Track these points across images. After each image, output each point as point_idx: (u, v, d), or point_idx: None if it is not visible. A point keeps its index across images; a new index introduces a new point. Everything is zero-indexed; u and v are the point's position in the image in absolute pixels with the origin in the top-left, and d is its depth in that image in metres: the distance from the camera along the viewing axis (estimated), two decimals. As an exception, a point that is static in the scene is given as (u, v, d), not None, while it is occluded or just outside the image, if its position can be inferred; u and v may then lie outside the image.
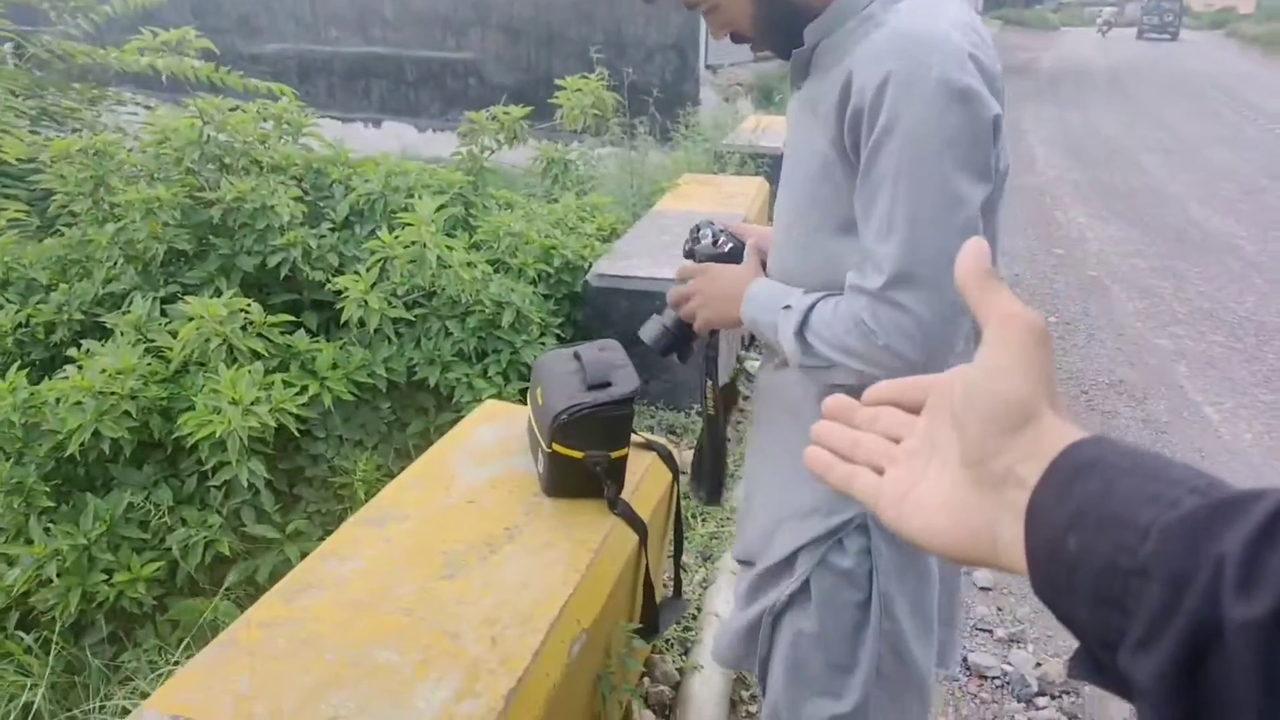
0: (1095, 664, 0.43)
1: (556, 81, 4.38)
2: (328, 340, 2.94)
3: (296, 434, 2.68)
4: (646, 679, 2.24)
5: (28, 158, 3.47)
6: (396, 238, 2.80)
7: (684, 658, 2.38)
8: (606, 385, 1.80)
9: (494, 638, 1.45)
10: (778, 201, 1.41)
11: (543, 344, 3.11)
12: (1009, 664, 2.70)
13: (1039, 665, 2.70)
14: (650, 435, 2.07)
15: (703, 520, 2.94)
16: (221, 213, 3.05)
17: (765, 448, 1.54)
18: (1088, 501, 0.42)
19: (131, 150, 3.28)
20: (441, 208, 2.94)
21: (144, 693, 2.20)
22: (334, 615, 1.47)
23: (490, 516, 1.76)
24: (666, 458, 2.04)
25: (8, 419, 2.51)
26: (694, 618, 2.44)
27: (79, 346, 2.77)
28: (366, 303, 2.77)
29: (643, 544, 1.83)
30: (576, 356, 1.89)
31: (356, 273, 2.89)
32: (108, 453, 2.57)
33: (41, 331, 3.04)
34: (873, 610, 1.37)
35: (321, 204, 3.36)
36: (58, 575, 2.42)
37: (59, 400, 2.56)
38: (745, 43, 1.37)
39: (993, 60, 1.16)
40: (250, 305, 2.75)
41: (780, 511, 1.45)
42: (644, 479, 1.95)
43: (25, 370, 2.67)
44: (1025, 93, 16.58)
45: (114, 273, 3.14)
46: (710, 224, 1.57)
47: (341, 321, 2.85)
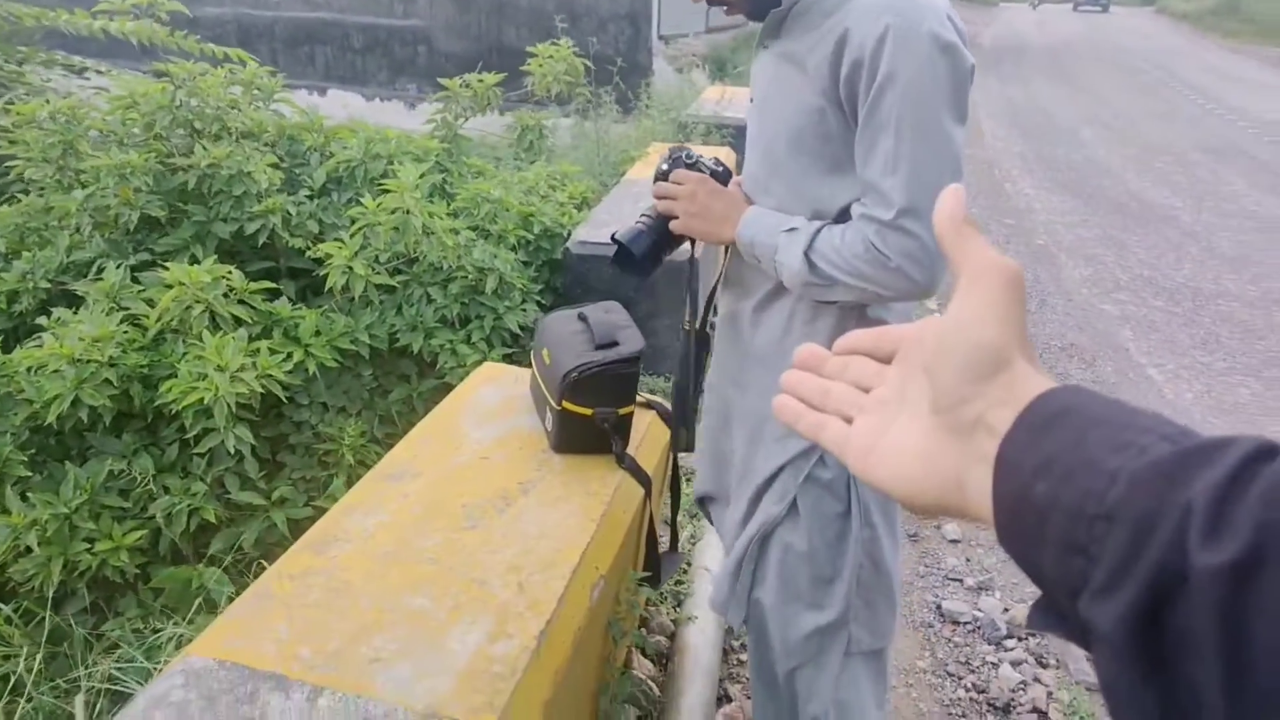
0: (1057, 613, 0.42)
1: (527, 50, 4.38)
2: (306, 307, 2.94)
3: (283, 400, 2.69)
4: (644, 629, 2.31)
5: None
6: (380, 204, 2.80)
7: (678, 609, 2.46)
8: (614, 344, 1.84)
9: (520, 583, 1.50)
10: (754, 151, 1.52)
11: (524, 310, 3.14)
12: (979, 610, 2.84)
13: (1006, 610, 2.84)
14: (649, 395, 2.12)
15: (687, 480, 3.00)
16: (196, 179, 3.01)
17: (739, 382, 1.65)
18: (1058, 449, 0.42)
19: (96, 116, 3.22)
20: (424, 175, 2.94)
21: (130, 659, 2.21)
22: (363, 566, 1.50)
23: (503, 472, 1.80)
24: (665, 416, 2.10)
25: (-22, 388, 2.48)
26: (685, 571, 2.51)
27: (47, 315, 2.73)
28: (351, 269, 2.77)
29: (647, 497, 1.89)
30: (582, 318, 1.93)
31: (338, 239, 2.88)
32: (85, 421, 2.55)
33: (4, 301, 2.98)
34: (853, 518, 1.49)
35: (297, 171, 3.34)
36: (38, 544, 2.41)
37: (32, 369, 2.53)
38: (720, 4, 1.49)
39: (959, 20, 1.31)
40: (231, 272, 2.73)
41: (759, 436, 1.56)
42: (646, 436, 2.00)
43: (-10, 340, 2.64)
44: (967, 67, 16.76)
45: (79, 240, 3.09)
46: (687, 148, 1.65)
47: (326, 288, 2.84)
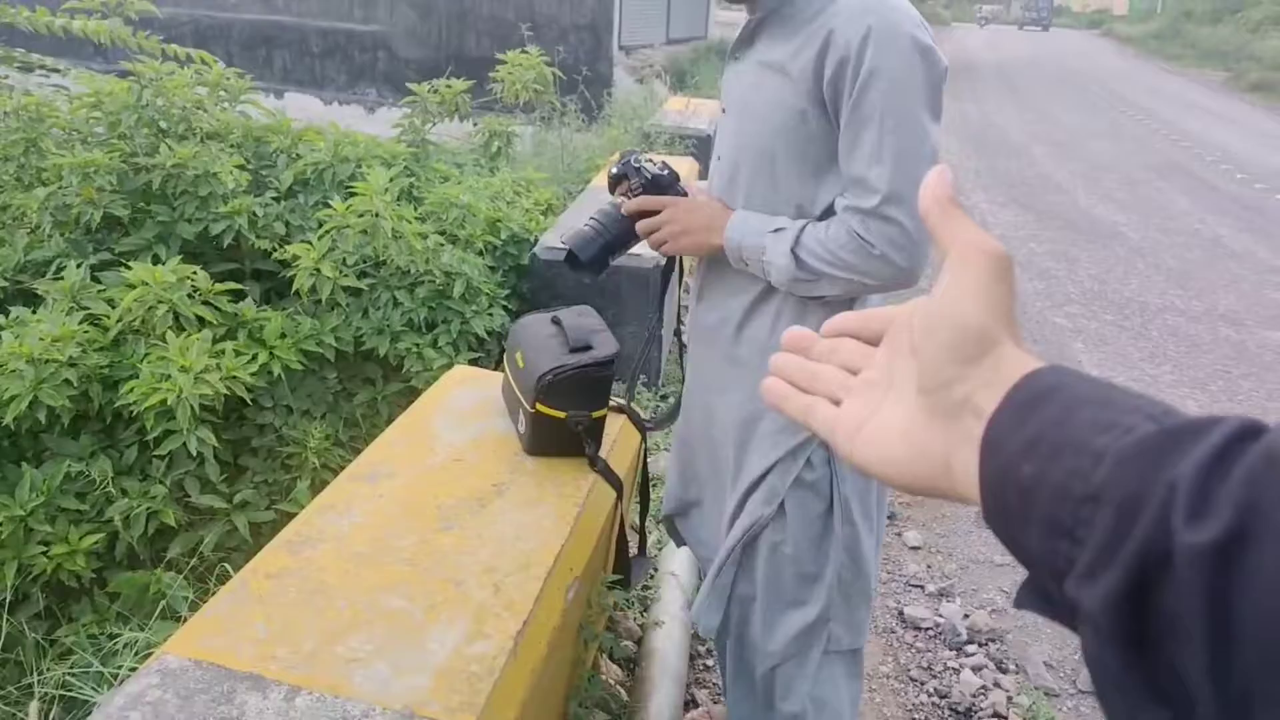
0: (1044, 594, 0.42)
1: (496, 56, 4.38)
2: (271, 310, 2.92)
3: (248, 403, 2.66)
4: (612, 633, 2.32)
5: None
6: (349, 207, 2.79)
7: (645, 614, 2.47)
8: (588, 348, 1.86)
9: (496, 585, 1.50)
10: (728, 158, 1.57)
11: (491, 315, 3.14)
12: (940, 615, 2.89)
13: (967, 616, 2.89)
14: (621, 399, 2.13)
15: (653, 485, 3.02)
16: (161, 179, 2.98)
17: (722, 388, 1.68)
18: (1044, 429, 0.42)
19: (59, 115, 3.18)
20: (393, 178, 2.94)
21: (86, 665, 2.17)
22: (339, 566, 1.50)
23: (477, 474, 1.80)
24: (636, 420, 2.12)
25: (-70, 388, 2.43)
26: (652, 576, 2.53)
27: (5, 314, 2.68)
28: (319, 271, 2.75)
29: (619, 500, 1.91)
30: (556, 321, 1.95)
31: (305, 241, 2.87)
32: (43, 422, 2.51)
33: (-42, 299, 2.92)
34: (835, 517, 1.54)
35: (264, 173, 3.31)
36: (-9, 547, 2.36)
37: (-11, 368, 2.48)
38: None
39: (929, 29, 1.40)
40: (196, 272, 2.71)
41: (749, 438, 1.59)
42: (618, 440, 2.02)
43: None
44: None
45: (38, 239, 3.04)
46: (636, 152, 1.70)
47: (292, 291, 2.83)
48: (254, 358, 2.66)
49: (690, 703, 2.34)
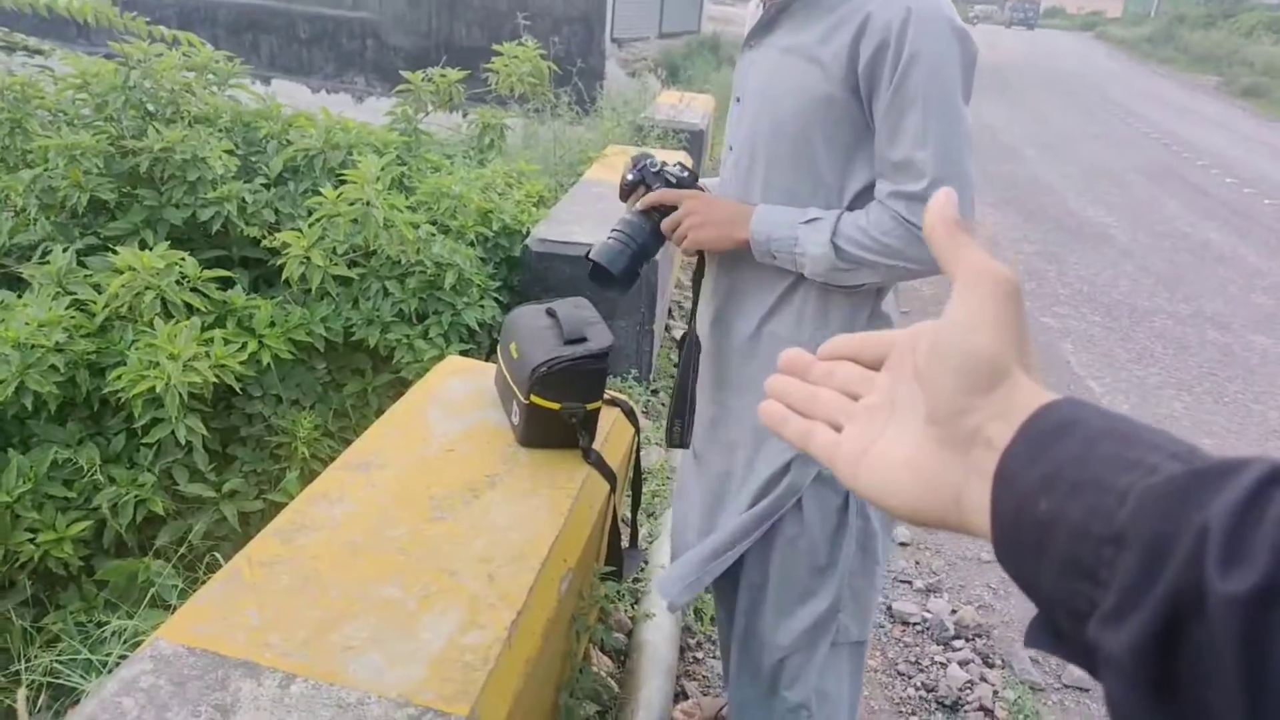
0: (1055, 633, 0.41)
1: (493, 47, 4.35)
2: (259, 298, 2.89)
3: (237, 392, 2.64)
4: (603, 625, 2.31)
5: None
6: (340, 195, 2.76)
7: (635, 606, 2.47)
8: (582, 340, 1.85)
9: (490, 575, 1.50)
10: (745, 146, 1.54)
11: (482, 306, 3.12)
12: (928, 611, 2.90)
13: (954, 612, 2.90)
14: (614, 392, 2.13)
15: (644, 479, 3.02)
16: (149, 162, 2.95)
17: (739, 386, 1.65)
18: (1062, 464, 0.40)
19: (45, 96, 3.14)
20: (385, 167, 2.92)
21: (74, 653, 2.15)
22: (332, 554, 1.49)
23: (470, 464, 1.79)
24: (629, 413, 2.11)
25: (-84, 373, 2.40)
26: (643, 569, 2.52)
27: (-10, 298, 2.65)
28: (309, 260, 2.73)
29: (612, 492, 1.90)
30: (550, 313, 1.94)
31: (295, 229, 2.85)
32: (29, 408, 2.48)
33: (-58, 283, 2.89)
34: (850, 511, 1.53)
35: (253, 158, 3.28)
36: (-23, 533, 2.34)
37: (-26, 353, 2.45)
38: None
39: None
40: (185, 258, 2.68)
41: (765, 437, 1.57)
42: (611, 433, 2.01)
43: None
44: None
45: (24, 221, 3.00)
46: (649, 156, 1.67)
47: (281, 279, 2.80)
48: (243, 346, 2.63)
49: (680, 694, 2.33)
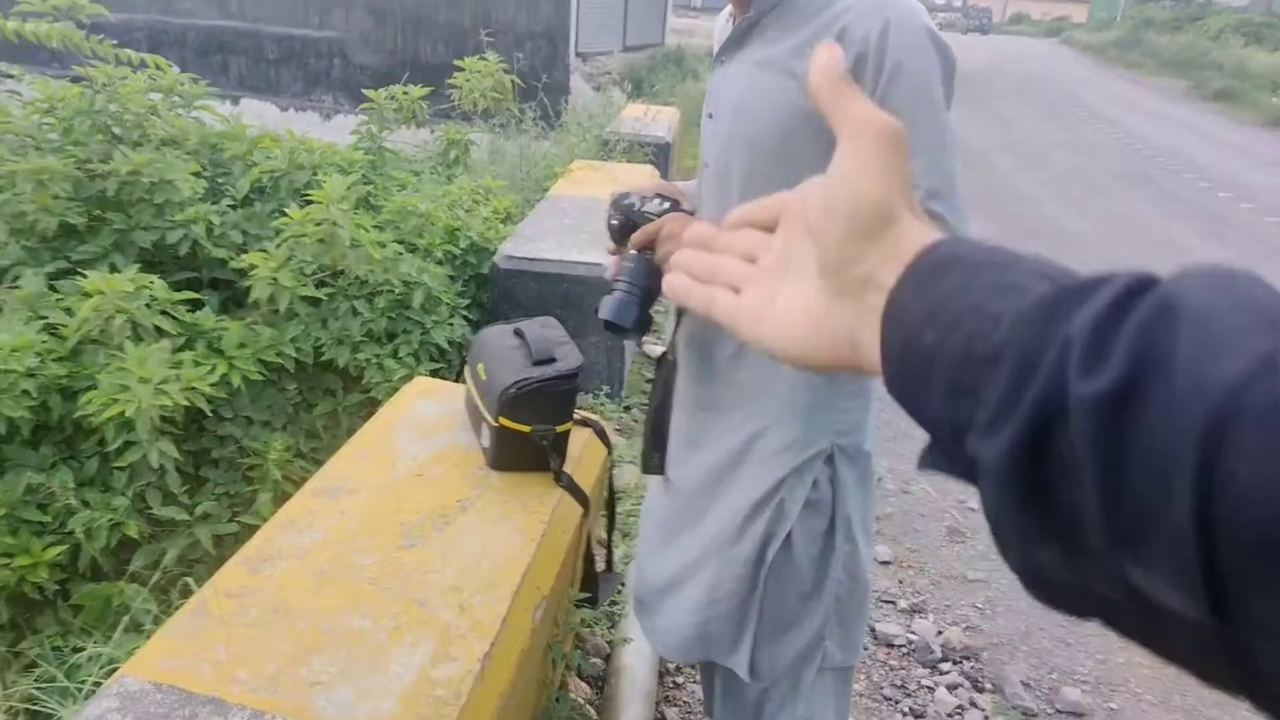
0: (944, 454, 0.43)
1: (455, 63, 4.35)
2: (229, 319, 2.88)
3: (208, 414, 2.63)
4: (580, 650, 2.31)
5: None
6: (306, 215, 2.76)
7: (613, 630, 2.46)
8: (551, 360, 1.85)
9: (461, 605, 1.49)
10: (718, 164, 1.49)
11: (451, 325, 3.12)
12: (913, 633, 2.87)
13: (940, 633, 2.87)
14: (585, 412, 2.13)
15: (618, 499, 3.01)
16: (116, 186, 2.93)
17: (715, 406, 1.59)
18: (945, 296, 0.42)
19: (12, 120, 3.12)
20: (351, 186, 2.91)
21: (50, 678, 2.14)
22: (301, 585, 1.48)
23: (440, 489, 1.79)
24: (601, 434, 2.11)
25: (-111, 399, 2.37)
26: (620, 592, 2.51)
27: (-41, 324, 2.63)
28: (277, 280, 2.72)
29: (585, 516, 1.90)
30: (518, 333, 1.94)
31: (263, 250, 2.83)
32: (3, 433, 2.46)
33: (-88, 309, 2.86)
34: (837, 534, 1.50)
35: (220, 180, 3.27)
36: (-46, 559, 2.31)
37: (-56, 380, 2.43)
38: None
39: None
40: (154, 281, 2.67)
41: (746, 456, 1.53)
42: (583, 455, 2.01)
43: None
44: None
45: (-8, 248, 2.98)
46: (628, 194, 1.62)
47: (250, 300, 2.79)
48: (213, 368, 2.62)
49: None
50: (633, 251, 1.59)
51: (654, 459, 1.73)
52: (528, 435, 1.83)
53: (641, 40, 14.60)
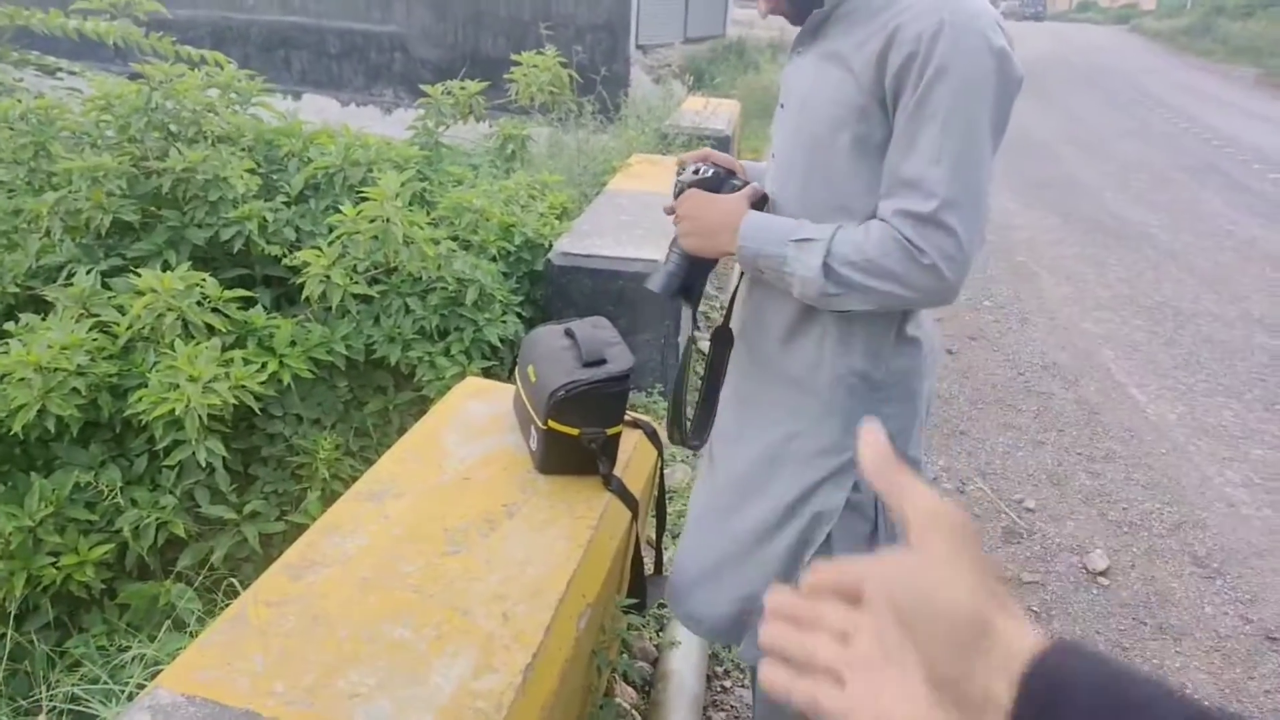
0: None
1: (512, 57, 4.32)
2: (281, 316, 2.87)
3: (256, 412, 2.61)
4: (626, 654, 2.25)
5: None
6: (360, 212, 2.73)
7: (660, 634, 2.40)
8: (602, 362, 1.79)
9: (505, 614, 1.44)
10: (784, 154, 1.48)
11: (504, 322, 3.08)
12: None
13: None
14: (635, 414, 2.07)
15: (669, 499, 2.95)
16: (171, 183, 2.93)
17: (757, 401, 1.60)
18: None
19: (70, 117, 3.14)
20: (405, 183, 2.88)
21: (94, 678, 2.13)
22: (341, 593, 1.44)
23: (487, 493, 1.74)
24: (652, 435, 2.05)
25: (-60, 397, 2.39)
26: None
27: (15, 320, 2.65)
28: (329, 278, 2.70)
29: (634, 520, 1.84)
30: (569, 334, 1.88)
31: (316, 247, 2.82)
32: (52, 431, 2.47)
33: (-30, 306, 2.89)
34: (880, 538, 1.48)
35: (275, 176, 3.27)
36: (0, 558, 2.32)
37: (0, 376, 2.44)
38: (772, 6, 1.47)
39: (1008, 32, 1.29)
40: (205, 279, 2.66)
41: (783, 456, 1.52)
42: (633, 457, 1.95)
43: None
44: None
45: (49, 244, 3.00)
46: (685, 164, 1.60)
47: (302, 298, 2.77)
48: (263, 366, 2.61)
49: (708, 724, 2.27)
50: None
51: (685, 426, 1.79)
52: (576, 439, 1.77)
53: (702, 32, 14.49)
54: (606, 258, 3.45)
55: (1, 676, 2.27)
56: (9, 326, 2.60)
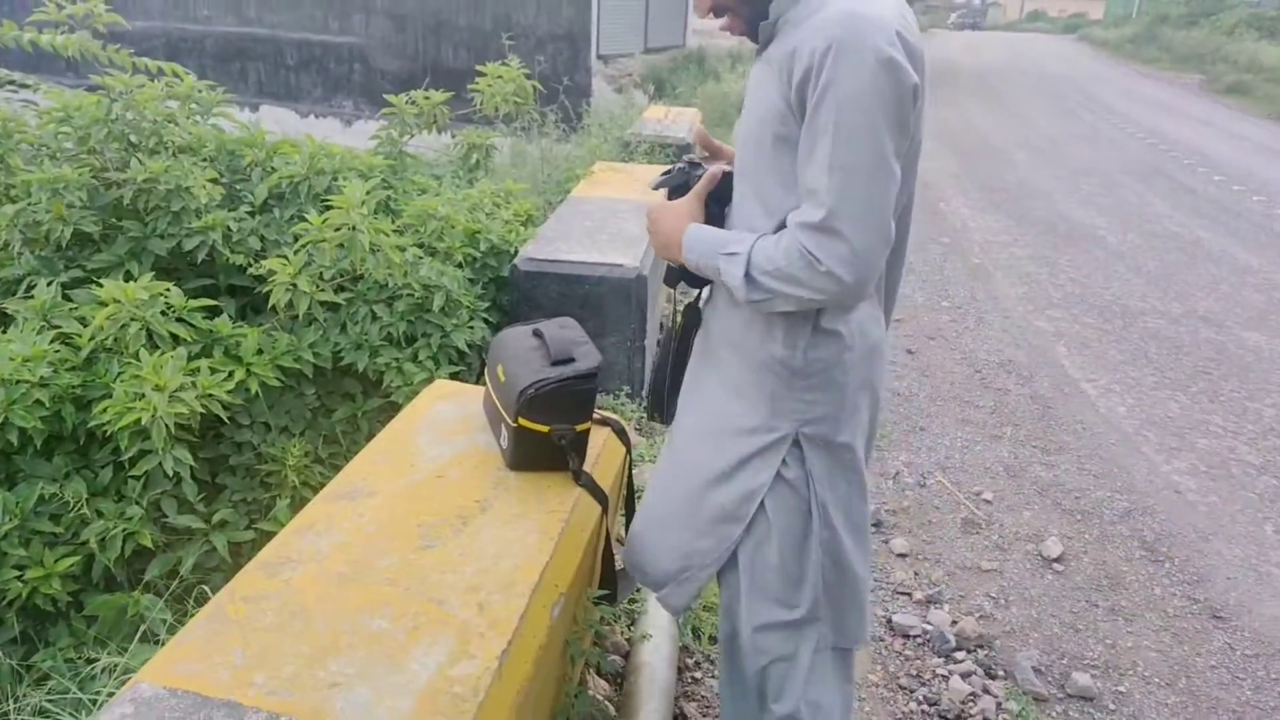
0: None
1: (477, 68, 4.35)
2: (247, 326, 2.87)
3: (225, 420, 2.62)
4: (598, 647, 2.28)
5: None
6: (325, 220, 2.75)
7: (632, 628, 2.44)
8: (570, 361, 1.83)
9: (480, 604, 1.47)
10: (738, 151, 1.58)
11: (471, 328, 3.10)
12: (929, 623, 2.87)
13: (955, 623, 2.87)
14: (604, 411, 2.11)
15: (637, 496, 2.99)
16: (132, 194, 2.93)
17: (698, 376, 1.71)
18: None
19: (27, 131, 3.13)
20: (370, 191, 2.90)
21: (63, 690, 2.12)
22: (318, 588, 1.47)
23: (459, 490, 1.77)
24: (620, 433, 2.09)
25: (-99, 410, 2.37)
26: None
27: (-26, 334, 2.63)
28: (295, 286, 2.71)
29: (604, 514, 1.88)
30: (537, 334, 1.92)
31: (281, 256, 2.83)
32: (15, 444, 2.45)
33: (-72, 319, 2.86)
34: (814, 518, 1.55)
35: (238, 186, 3.27)
36: (-36, 572, 2.31)
37: (-41, 390, 2.42)
38: (723, 16, 1.57)
39: (917, 40, 1.38)
40: (169, 289, 2.66)
41: (722, 426, 1.60)
42: (602, 453, 1.99)
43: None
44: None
45: (8, 256, 2.98)
46: (698, 165, 1.70)
47: (268, 306, 2.78)
48: (230, 375, 2.61)
49: (679, 716, 2.30)
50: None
51: (655, 412, 1.88)
52: (546, 435, 1.81)
53: (663, 42, 14.59)
54: (572, 263, 3.49)
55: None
56: (-33, 340, 2.57)
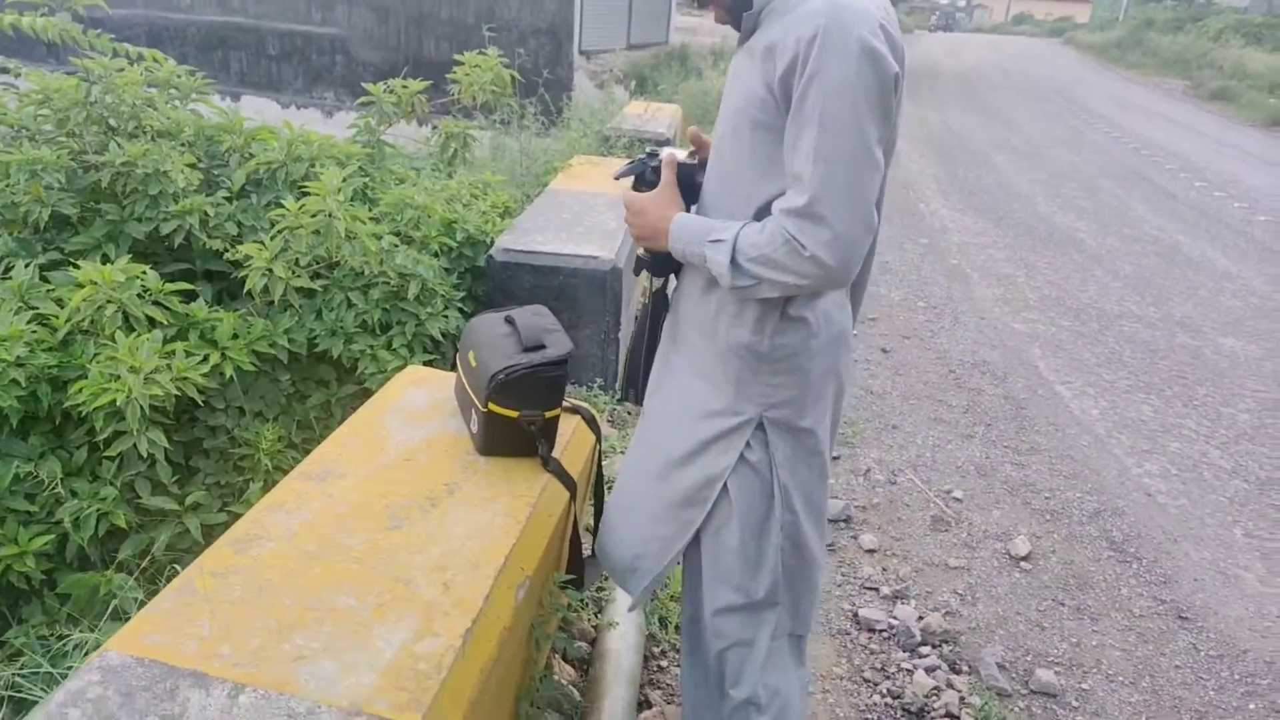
0: None
1: (455, 57, 4.36)
2: (223, 310, 2.88)
3: (199, 404, 2.63)
4: (565, 633, 2.31)
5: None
6: (302, 207, 2.76)
7: (599, 615, 2.47)
8: (541, 347, 1.86)
9: (445, 583, 1.50)
10: (716, 139, 1.61)
11: (446, 317, 3.12)
12: (895, 618, 2.90)
13: (921, 618, 2.90)
14: (575, 400, 2.14)
15: (607, 486, 3.02)
16: (110, 177, 2.94)
17: (667, 360, 1.75)
18: None
19: (6, 113, 3.13)
20: (348, 178, 2.92)
21: (36, 666, 2.13)
22: (286, 564, 1.49)
23: (428, 473, 1.80)
24: (590, 421, 2.12)
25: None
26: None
27: (-50, 315, 2.63)
28: (271, 271, 2.73)
29: (572, 500, 1.91)
30: (509, 320, 1.95)
31: (258, 242, 2.84)
32: (-10, 423, 2.46)
33: (-97, 299, 2.86)
34: (776, 502, 1.59)
35: (216, 172, 3.27)
36: (-63, 550, 2.31)
37: (-66, 370, 2.43)
38: (708, 6, 1.61)
39: (897, 32, 1.43)
40: (146, 271, 2.67)
41: (686, 409, 1.64)
42: (571, 440, 2.02)
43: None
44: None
45: (-16, 238, 2.98)
46: (655, 154, 1.72)
47: (244, 292, 2.80)
48: (205, 358, 2.63)
49: (644, 703, 2.33)
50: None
51: (630, 389, 1.92)
52: (516, 421, 1.84)
53: (646, 39, 14.60)
54: (547, 254, 3.52)
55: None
56: (-56, 320, 2.58)
